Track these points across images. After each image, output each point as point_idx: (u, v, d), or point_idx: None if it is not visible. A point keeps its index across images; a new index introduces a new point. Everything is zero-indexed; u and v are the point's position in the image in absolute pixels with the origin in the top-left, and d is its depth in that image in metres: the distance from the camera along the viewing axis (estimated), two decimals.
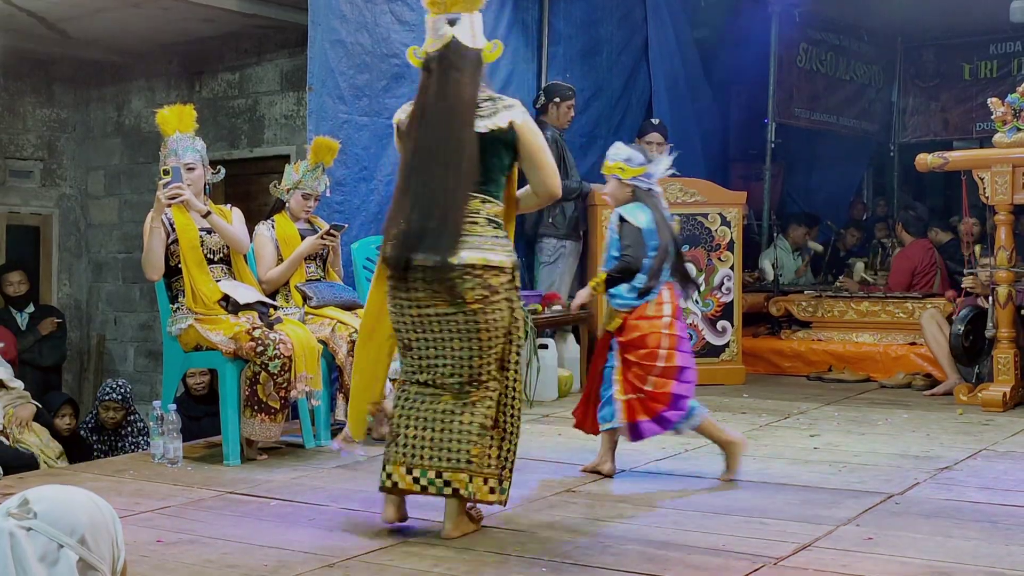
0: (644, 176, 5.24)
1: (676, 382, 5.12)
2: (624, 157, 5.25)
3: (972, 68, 11.89)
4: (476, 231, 4.13)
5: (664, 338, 5.11)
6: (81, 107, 10.95)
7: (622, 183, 5.24)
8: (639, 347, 5.12)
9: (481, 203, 4.16)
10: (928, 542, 4.15)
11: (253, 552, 4.11)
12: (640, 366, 5.11)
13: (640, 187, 5.23)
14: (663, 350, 5.10)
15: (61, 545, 1.98)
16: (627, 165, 5.23)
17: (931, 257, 9.35)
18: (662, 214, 5.21)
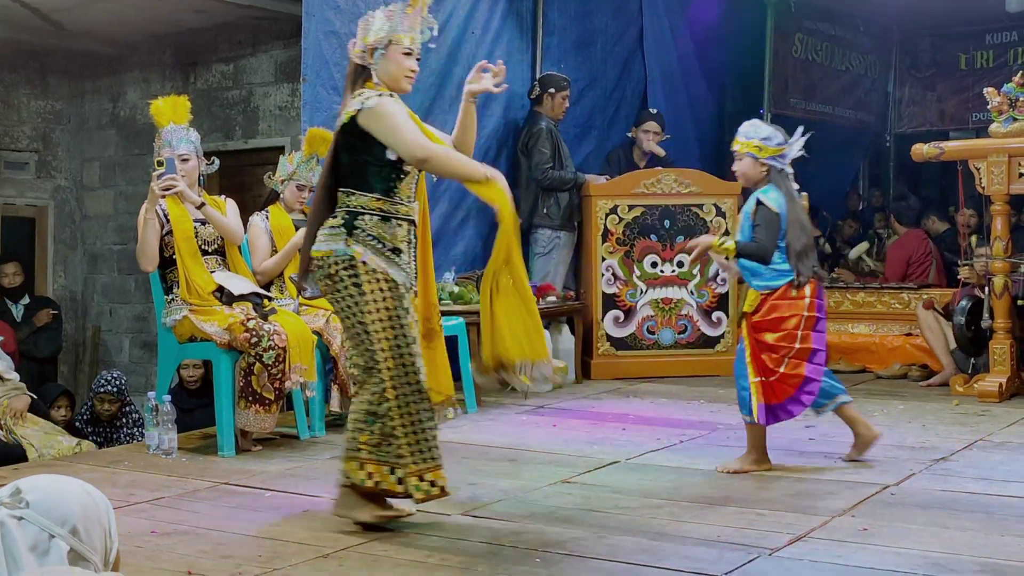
0: (780, 157, 5.19)
1: (808, 364, 5.10)
2: (763, 136, 5.18)
3: (968, 58, 11.87)
4: (328, 224, 4.29)
5: (803, 320, 5.08)
6: (76, 99, 10.93)
7: (757, 162, 5.18)
8: (776, 329, 5.08)
9: (346, 196, 4.29)
10: (923, 533, 4.15)
11: (247, 543, 4.11)
12: (775, 348, 5.07)
13: (775, 167, 5.18)
14: (800, 332, 5.07)
15: (52, 535, 1.97)
16: (765, 144, 5.16)
17: (926, 247, 9.34)
18: (793, 195, 5.17)
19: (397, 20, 4.31)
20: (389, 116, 4.20)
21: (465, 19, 8.00)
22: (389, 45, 4.29)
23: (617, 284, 8.20)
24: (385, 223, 4.27)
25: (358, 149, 4.27)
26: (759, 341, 5.10)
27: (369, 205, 4.26)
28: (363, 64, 4.33)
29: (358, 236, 4.22)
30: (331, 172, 4.34)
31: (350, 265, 4.21)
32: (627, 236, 8.19)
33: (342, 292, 4.24)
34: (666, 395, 7.48)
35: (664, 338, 8.28)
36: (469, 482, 4.76)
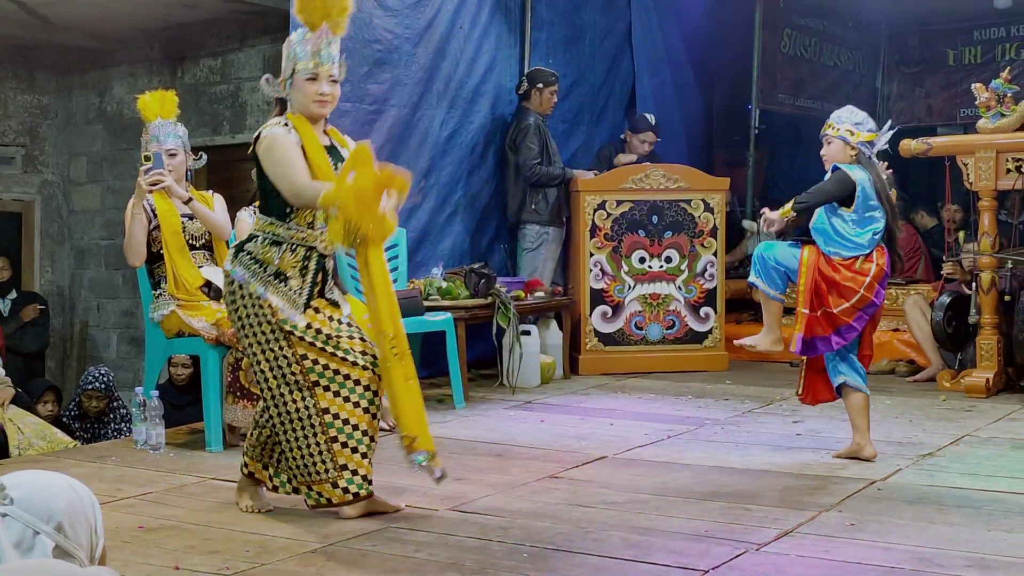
0: (870, 144, 5.26)
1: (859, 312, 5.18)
2: (856, 120, 5.26)
3: (956, 54, 11.87)
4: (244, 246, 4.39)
5: (856, 295, 5.16)
6: (63, 93, 10.89)
7: (848, 146, 5.24)
8: (832, 291, 5.19)
9: (259, 218, 4.45)
10: (910, 528, 4.16)
11: (235, 538, 4.10)
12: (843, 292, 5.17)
13: (864, 152, 5.25)
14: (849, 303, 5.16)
15: (37, 532, 1.96)
16: (857, 129, 5.24)
17: (914, 242, 9.34)
18: (882, 179, 5.27)
19: (297, 48, 4.34)
20: (273, 155, 4.25)
21: (453, 14, 7.98)
22: (293, 74, 4.34)
23: (605, 279, 8.20)
24: (274, 247, 4.31)
25: (261, 174, 4.36)
26: (826, 278, 5.20)
27: (264, 228, 4.36)
28: (280, 97, 4.42)
29: (241, 259, 4.32)
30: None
31: (228, 283, 4.36)
32: (615, 231, 8.19)
33: (231, 311, 4.40)
34: (654, 390, 7.48)
35: (652, 333, 8.28)
36: (457, 477, 4.75)
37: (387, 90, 7.51)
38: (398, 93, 7.61)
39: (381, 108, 7.47)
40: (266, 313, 4.25)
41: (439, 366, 7.60)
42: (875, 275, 5.19)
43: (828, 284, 5.20)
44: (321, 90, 4.33)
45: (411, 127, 7.74)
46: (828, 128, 5.31)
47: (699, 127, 10.64)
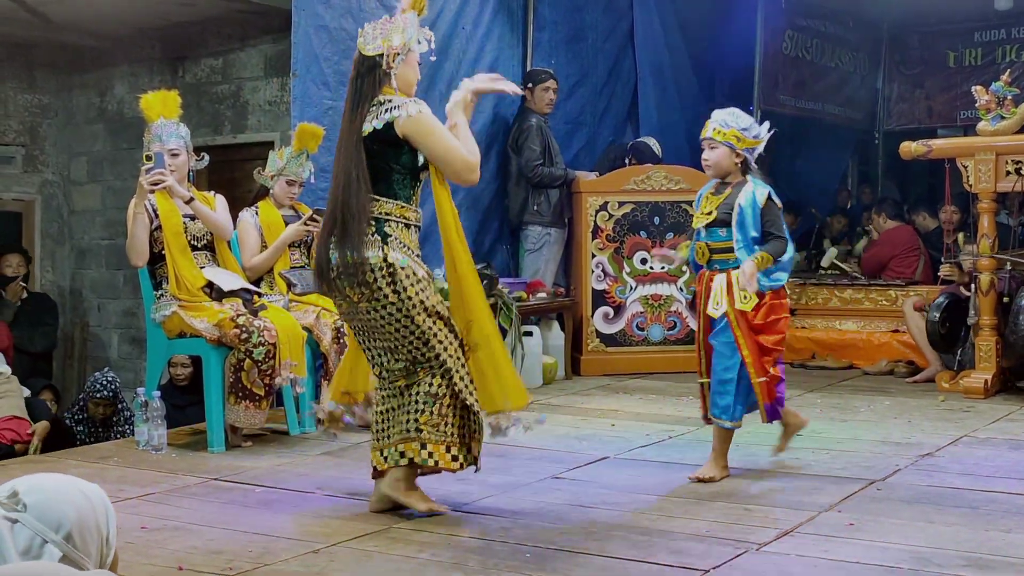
0: (753, 150, 5.00)
1: (779, 364, 5.04)
2: (743, 126, 4.95)
3: (957, 56, 11.90)
4: (361, 231, 4.31)
5: (787, 323, 5.03)
6: (63, 93, 10.90)
7: (734, 153, 4.95)
8: (772, 332, 4.92)
9: (373, 203, 4.33)
10: (909, 528, 4.18)
11: (238, 538, 4.12)
12: (770, 351, 4.92)
13: (749, 160, 4.99)
14: (785, 334, 5.01)
15: (45, 541, 1.96)
16: (744, 135, 4.95)
17: (914, 242, 9.35)
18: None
19: (413, 30, 4.40)
20: (437, 131, 4.33)
21: (456, 14, 8.00)
22: (409, 52, 4.39)
23: (607, 280, 8.22)
24: (407, 230, 4.38)
25: (386, 156, 4.33)
26: (757, 342, 4.90)
27: (395, 212, 4.35)
28: (385, 69, 4.36)
29: (393, 244, 4.30)
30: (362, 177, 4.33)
31: (389, 272, 4.27)
32: (617, 232, 8.21)
33: (381, 300, 4.28)
34: (655, 391, 7.50)
35: (653, 334, 8.30)
36: (459, 478, 4.76)
37: None
38: None
39: None
40: (429, 284, 4.35)
41: None
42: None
43: (767, 330, 4.91)
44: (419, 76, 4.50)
45: None
46: (712, 132, 4.98)
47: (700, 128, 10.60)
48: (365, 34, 4.43)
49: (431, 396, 4.31)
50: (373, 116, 4.31)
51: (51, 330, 9.56)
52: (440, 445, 4.31)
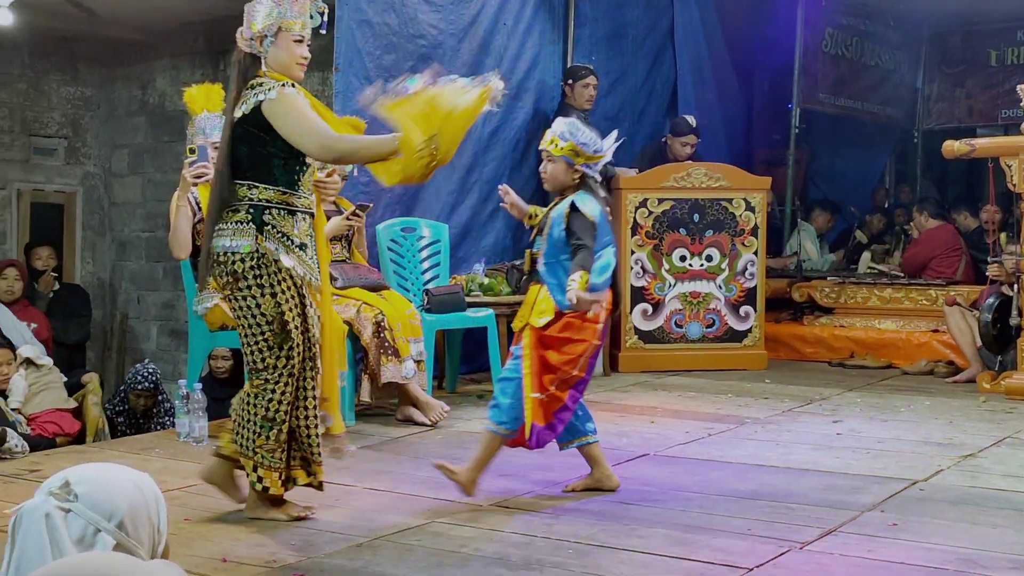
0: (595, 165, 4.62)
1: (572, 391, 4.58)
2: (582, 140, 4.58)
3: (999, 54, 11.79)
4: (231, 218, 4.19)
5: (590, 348, 4.57)
6: (106, 85, 10.97)
7: (572, 168, 4.59)
8: (561, 351, 4.52)
9: (247, 189, 4.20)
10: (953, 528, 4.16)
11: (280, 531, 4.13)
12: (555, 369, 4.52)
13: (589, 175, 4.61)
14: (583, 359, 4.54)
15: (99, 529, 1.98)
16: (583, 149, 4.57)
17: (955, 242, 9.29)
18: (606, 207, 4.65)
19: (286, 6, 4.22)
20: (294, 110, 4.11)
21: (497, 10, 8.01)
22: (279, 32, 4.20)
23: (646, 277, 8.21)
24: (291, 217, 4.21)
25: (261, 141, 4.15)
26: (543, 358, 4.53)
27: (274, 199, 4.19)
28: (252, 52, 4.22)
29: (268, 232, 4.16)
30: (228, 163, 4.21)
31: (259, 264, 4.14)
32: (656, 229, 8.20)
33: (244, 291, 4.15)
34: (694, 388, 7.48)
35: (692, 332, 8.28)
36: (501, 474, 4.78)
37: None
38: None
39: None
40: (297, 287, 4.19)
41: (480, 362, 7.64)
42: (605, 319, 4.62)
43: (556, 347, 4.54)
44: (304, 53, 4.28)
45: None
46: (548, 144, 4.65)
47: (739, 126, 10.63)
48: (245, 15, 4.27)
49: (267, 420, 4.19)
50: (243, 100, 4.16)
51: (85, 321, 9.62)
52: (273, 472, 4.22)
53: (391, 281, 6.82)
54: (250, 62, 4.23)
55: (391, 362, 6.11)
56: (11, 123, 10.32)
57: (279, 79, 4.17)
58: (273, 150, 4.16)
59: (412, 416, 6.23)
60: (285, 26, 4.21)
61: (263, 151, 4.17)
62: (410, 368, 6.17)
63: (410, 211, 7.49)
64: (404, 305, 6.39)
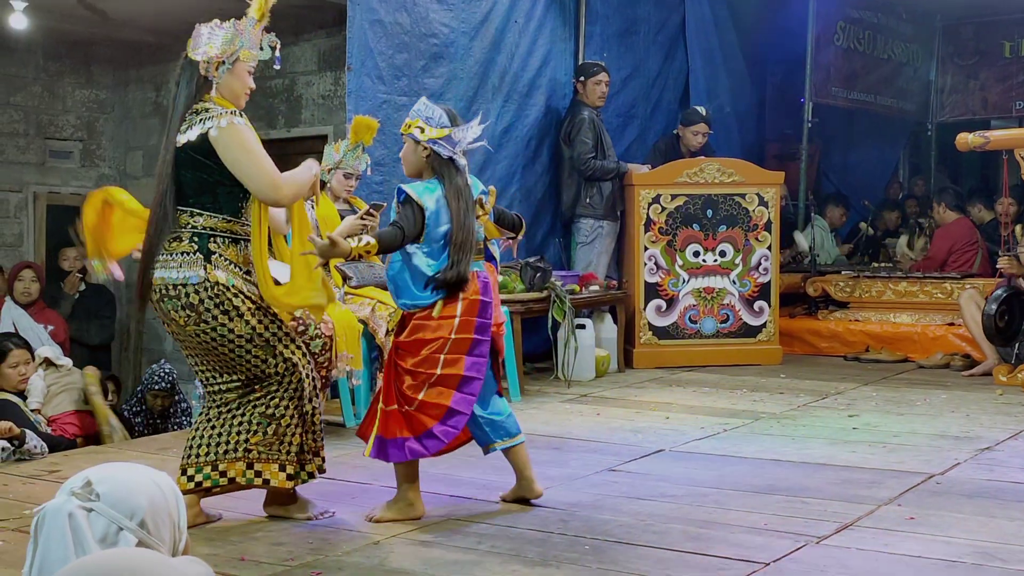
0: (446, 141, 4.38)
1: (457, 393, 4.27)
2: (426, 115, 4.40)
3: (1013, 46, 11.73)
4: (173, 248, 4.10)
5: (449, 344, 4.26)
6: (120, 88, 11.00)
7: (419, 146, 4.36)
8: (416, 352, 4.29)
9: (190, 216, 4.12)
10: (971, 522, 4.16)
11: (298, 529, 4.16)
12: (413, 373, 4.28)
13: (440, 154, 4.36)
14: (443, 355, 4.26)
15: (121, 528, 2.00)
16: (427, 125, 4.37)
17: (972, 235, 9.27)
18: (460, 192, 4.33)
19: (247, 36, 4.20)
20: (244, 146, 4.06)
21: (508, 8, 8.02)
22: (236, 61, 4.18)
23: (659, 273, 8.21)
24: (235, 245, 4.16)
25: (207, 168, 4.08)
26: (399, 365, 4.33)
27: (219, 227, 4.13)
28: (206, 76, 4.14)
29: (217, 262, 4.09)
30: (170, 190, 4.11)
31: (215, 293, 4.06)
32: (670, 225, 8.20)
33: (210, 322, 4.06)
34: (709, 384, 7.48)
35: (706, 327, 8.28)
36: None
37: (443, 84, 7.56)
38: (454, 87, 7.66)
39: (437, 102, 7.49)
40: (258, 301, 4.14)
41: None
42: (464, 312, 4.30)
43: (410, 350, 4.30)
44: (253, 85, 4.28)
45: (467, 121, 7.75)
46: (404, 126, 4.47)
47: (752, 120, 10.61)
48: (197, 35, 4.20)
49: (266, 417, 4.17)
50: (188, 125, 4.08)
51: (109, 322, 9.66)
52: (272, 464, 4.19)
53: None
54: (201, 83, 4.15)
55: None
56: (26, 126, 10.36)
57: (227, 107, 4.11)
58: (219, 177, 4.08)
59: None
60: (243, 56, 4.19)
61: (208, 178, 4.08)
62: None
63: None
64: None
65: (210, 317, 4.05)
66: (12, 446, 5.52)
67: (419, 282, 4.29)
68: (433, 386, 4.25)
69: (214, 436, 4.20)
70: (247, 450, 4.17)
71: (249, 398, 4.19)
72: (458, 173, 4.37)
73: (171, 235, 4.10)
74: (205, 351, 4.15)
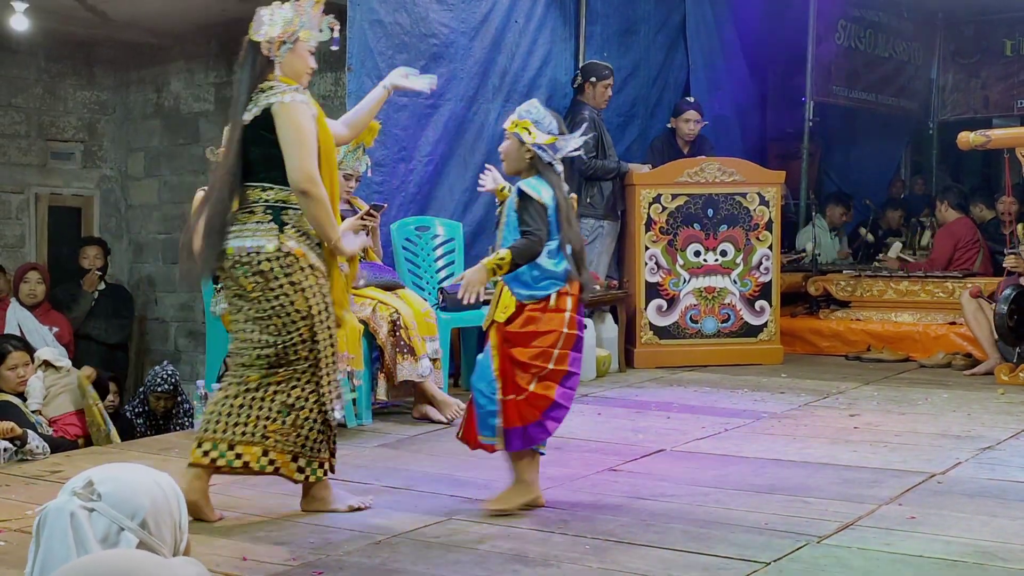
0: (550, 147, 4.47)
1: (560, 387, 4.40)
2: (535, 118, 4.49)
3: (1014, 44, 11.73)
4: (246, 219, 4.26)
5: (562, 338, 4.38)
6: (121, 89, 11.01)
7: (523, 147, 4.46)
8: (529, 344, 4.37)
9: (261, 191, 4.27)
10: (972, 521, 4.15)
11: (300, 529, 4.16)
12: (526, 366, 4.37)
13: (542, 158, 4.46)
14: (556, 350, 4.37)
15: (122, 528, 2.00)
16: (535, 129, 4.46)
17: (973, 234, 9.27)
18: (565, 197, 4.49)
19: (306, 16, 4.32)
20: (297, 125, 4.19)
21: (508, 8, 8.02)
22: (297, 41, 4.29)
23: (660, 273, 8.21)
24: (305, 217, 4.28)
25: (272, 143, 4.20)
26: (510, 356, 4.39)
27: (290, 199, 4.26)
28: (268, 56, 4.27)
29: (289, 232, 4.23)
30: (239, 166, 4.28)
31: (286, 263, 4.21)
32: (670, 225, 8.20)
33: (276, 291, 4.20)
34: (710, 383, 7.48)
35: (707, 327, 8.28)
36: None
37: (443, 84, 7.54)
38: (454, 87, 7.66)
39: (437, 102, 7.51)
40: (322, 283, 4.30)
41: None
42: (573, 307, 4.43)
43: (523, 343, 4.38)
44: (314, 64, 4.40)
45: (467, 121, 7.78)
46: (509, 124, 4.54)
47: (753, 120, 10.61)
48: (258, 17, 4.33)
49: (286, 406, 4.26)
50: (254, 104, 4.23)
51: (126, 322, 9.71)
52: (285, 455, 4.28)
53: (406, 280, 6.84)
54: (264, 64, 4.30)
55: (407, 360, 6.13)
56: (28, 128, 10.38)
57: (290, 84, 4.26)
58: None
59: (428, 414, 6.25)
60: (303, 36, 4.31)
61: (276, 153, 4.21)
62: (426, 366, 6.20)
63: (424, 210, 7.51)
64: (419, 304, 6.41)
65: (276, 286, 4.21)
66: (14, 447, 5.52)
67: (538, 274, 4.41)
68: (543, 380, 4.38)
69: (232, 414, 4.26)
70: (264, 436, 4.25)
71: (270, 381, 4.26)
72: (558, 178, 4.51)
73: (244, 209, 4.27)
74: (256, 318, 4.25)
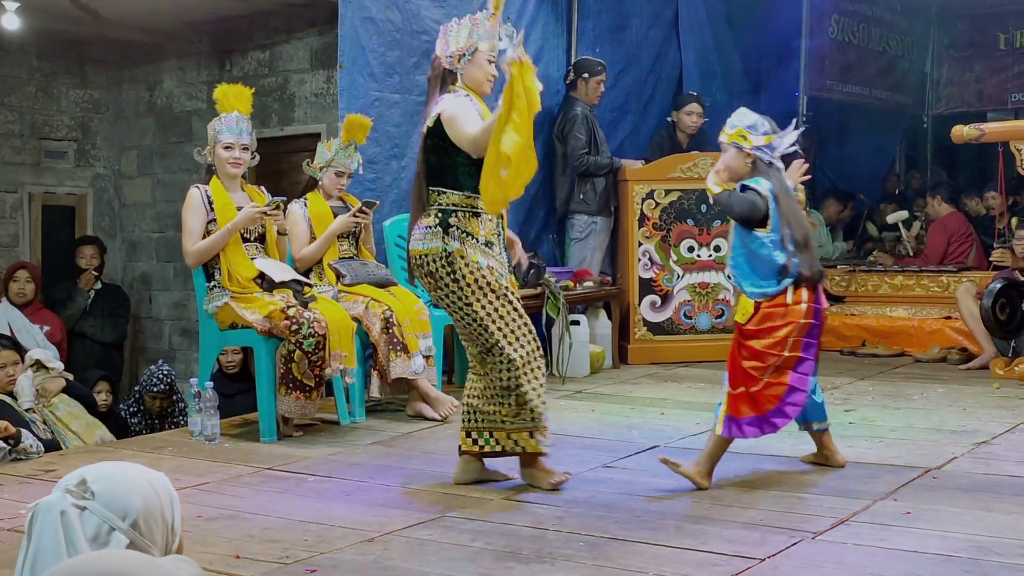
0: (767, 147, 4.68)
1: (793, 373, 4.57)
2: (748, 124, 4.69)
3: (1008, 38, 11.72)
4: (423, 223, 4.65)
5: (798, 328, 4.55)
6: (114, 88, 10.99)
7: (742, 153, 4.66)
8: (766, 336, 4.56)
9: (438, 195, 4.63)
10: (967, 516, 4.14)
11: (293, 527, 4.14)
12: (762, 356, 4.56)
13: (762, 160, 4.66)
14: (792, 339, 4.54)
15: (113, 528, 1.99)
16: (750, 133, 4.66)
17: (966, 228, 9.27)
18: (787, 190, 4.66)
19: (483, 28, 4.67)
20: (454, 116, 4.51)
21: None
22: (475, 52, 4.68)
23: (654, 269, 8.20)
24: (475, 219, 4.60)
25: (446, 150, 4.58)
26: (746, 348, 4.60)
27: (460, 203, 4.59)
28: (451, 69, 4.68)
29: (453, 233, 4.55)
30: (424, 171, 4.65)
31: (448, 261, 4.54)
32: (664, 221, 8.19)
33: (444, 289, 4.59)
34: (704, 379, 7.47)
35: (701, 323, 8.27)
36: (510, 467, 4.78)
37: None
38: None
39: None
40: (487, 277, 4.55)
41: None
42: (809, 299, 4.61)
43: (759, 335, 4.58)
44: (494, 72, 4.71)
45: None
46: (722, 135, 4.76)
47: None
48: (441, 35, 4.75)
49: (504, 390, 4.56)
50: (428, 113, 4.65)
51: (122, 321, 9.69)
52: (523, 432, 4.58)
53: (399, 277, 6.82)
54: (446, 76, 4.70)
55: (400, 358, 6.12)
56: (21, 127, 10.35)
57: (459, 90, 4.65)
58: (460, 159, 4.57)
59: (422, 411, 6.24)
60: (482, 47, 4.68)
61: (450, 160, 4.59)
62: (419, 363, 6.19)
63: None
64: (412, 301, 6.39)
65: (443, 284, 4.58)
66: (8, 445, 5.50)
67: (764, 270, 4.61)
68: (777, 368, 4.56)
69: (480, 405, 4.64)
70: (503, 420, 4.59)
71: (487, 368, 4.60)
72: (780, 173, 4.72)
73: (424, 213, 4.65)
74: (450, 314, 4.69)
